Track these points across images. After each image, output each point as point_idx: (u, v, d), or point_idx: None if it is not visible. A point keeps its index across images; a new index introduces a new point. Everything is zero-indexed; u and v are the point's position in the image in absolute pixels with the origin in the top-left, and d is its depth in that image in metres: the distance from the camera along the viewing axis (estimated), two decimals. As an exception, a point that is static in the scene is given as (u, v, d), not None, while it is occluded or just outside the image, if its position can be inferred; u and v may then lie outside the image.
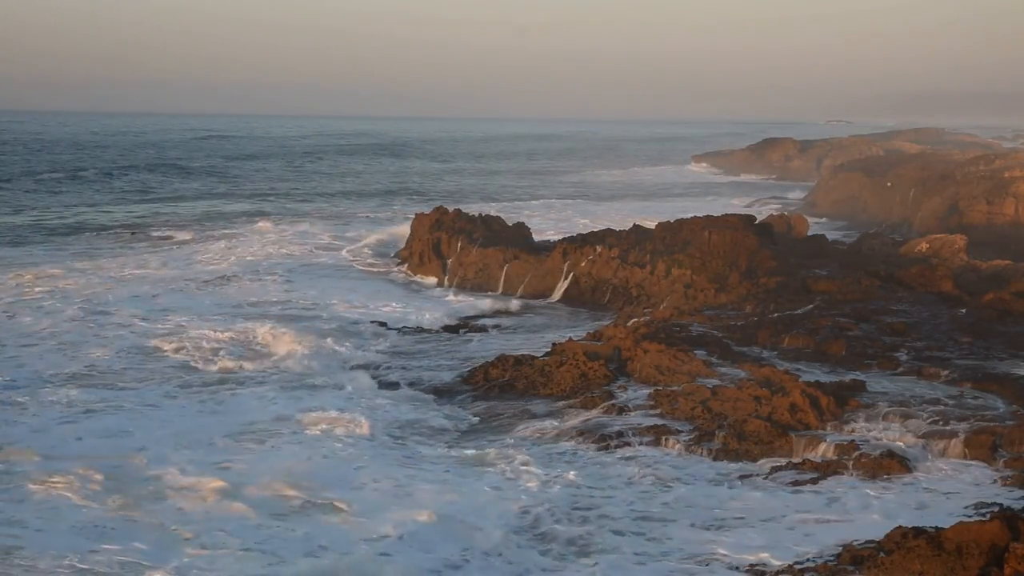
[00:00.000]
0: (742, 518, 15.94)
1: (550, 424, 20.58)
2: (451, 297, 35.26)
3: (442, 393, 23.15)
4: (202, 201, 70.42)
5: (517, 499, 16.60)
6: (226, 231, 53.16)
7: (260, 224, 55.61)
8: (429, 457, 18.85)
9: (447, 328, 30.54)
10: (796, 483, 17.35)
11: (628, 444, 19.22)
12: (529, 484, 17.26)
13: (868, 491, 16.85)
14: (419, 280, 38.24)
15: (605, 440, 19.40)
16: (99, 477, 16.88)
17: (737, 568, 14.18)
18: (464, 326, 30.97)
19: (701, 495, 16.88)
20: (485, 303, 34.05)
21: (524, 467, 18.05)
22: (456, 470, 18.12)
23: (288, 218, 60.55)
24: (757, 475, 17.77)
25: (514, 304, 34.15)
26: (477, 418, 21.33)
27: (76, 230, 52.66)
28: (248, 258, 43.42)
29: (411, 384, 23.82)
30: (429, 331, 30.04)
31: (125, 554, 14.19)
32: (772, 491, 17.05)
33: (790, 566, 14.00)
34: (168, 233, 51.48)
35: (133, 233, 50.21)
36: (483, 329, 30.74)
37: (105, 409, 21.17)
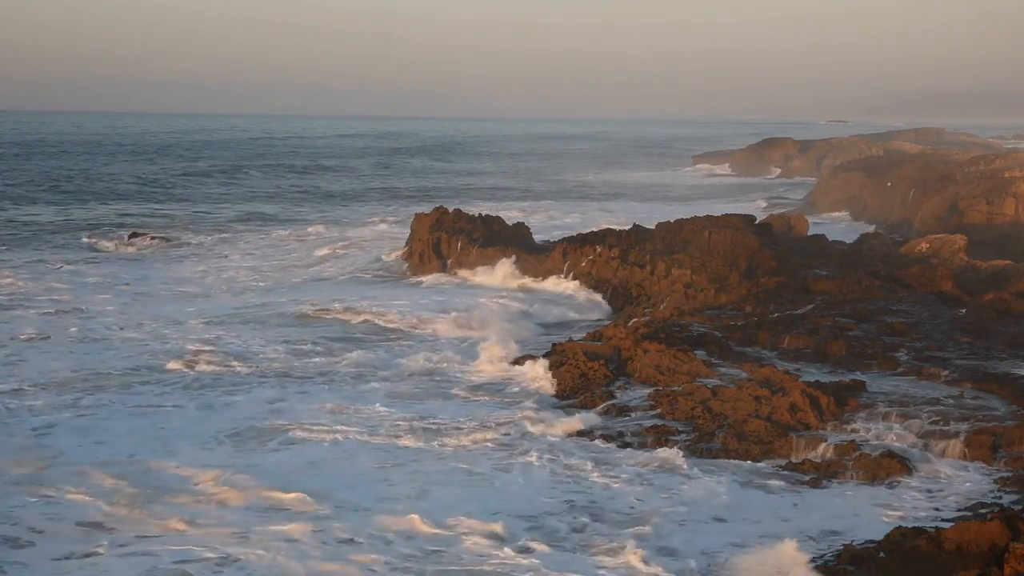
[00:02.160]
0: (741, 517, 15.93)
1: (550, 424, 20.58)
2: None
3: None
4: (211, 203, 70.35)
5: (518, 497, 16.63)
6: (231, 234, 53.00)
7: (263, 227, 55.60)
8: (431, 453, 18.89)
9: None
10: (796, 483, 17.34)
11: (628, 445, 19.22)
12: (529, 483, 17.27)
13: (868, 491, 16.85)
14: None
15: (605, 440, 19.40)
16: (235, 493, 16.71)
17: (737, 567, 14.17)
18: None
19: (701, 494, 16.86)
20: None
21: (524, 466, 18.08)
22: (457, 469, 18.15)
23: (293, 221, 60.48)
24: (757, 475, 17.75)
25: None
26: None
27: (69, 230, 52.64)
28: (249, 263, 43.34)
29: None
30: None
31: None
32: (772, 491, 17.04)
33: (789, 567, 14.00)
34: (175, 235, 51.15)
35: (133, 235, 49.92)
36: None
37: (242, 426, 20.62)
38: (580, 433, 19.83)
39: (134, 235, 49.82)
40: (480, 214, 41.06)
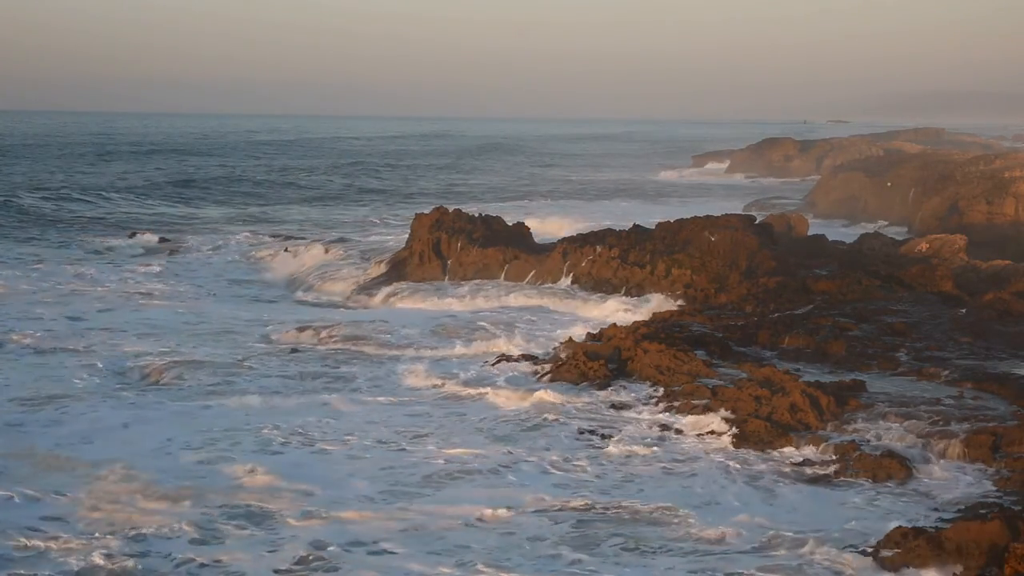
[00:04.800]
0: (737, 516, 15.91)
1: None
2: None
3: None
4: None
5: (520, 496, 16.66)
6: (230, 238, 52.77)
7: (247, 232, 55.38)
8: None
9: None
10: (796, 483, 17.35)
11: (628, 443, 19.26)
12: (529, 481, 17.29)
13: (868, 491, 16.86)
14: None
15: (604, 439, 19.42)
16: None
17: (736, 568, 14.16)
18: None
19: (699, 492, 16.87)
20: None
21: (523, 465, 18.09)
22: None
23: (283, 222, 60.31)
24: (756, 475, 17.76)
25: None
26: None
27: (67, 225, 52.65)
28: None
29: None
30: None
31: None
32: (771, 491, 17.05)
33: (790, 567, 14.01)
34: (182, 238, 50.81)
35: (163, 240, 49.63)
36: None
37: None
38: (580, 432, 19.86)
39: (162, 241, 49.47)
40: (480, 214, 41.00)
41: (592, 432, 19.83)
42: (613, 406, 21.32)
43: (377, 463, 18.24)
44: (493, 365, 24.73)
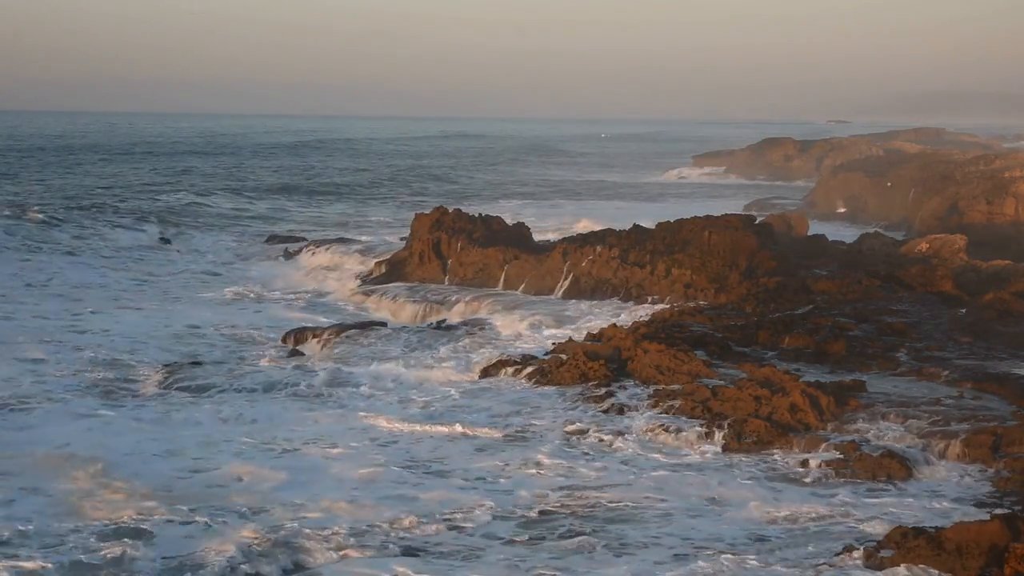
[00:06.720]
0: (738, 516, 15.91)
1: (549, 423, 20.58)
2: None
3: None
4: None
5: (519, 495, 16.70)
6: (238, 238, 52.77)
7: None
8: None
9: (440, 326, 30.26)
10: (796, 483, 17.33)
11: (627, 443, 19.24)
12: (526, 482, 17.30)
13: (868, 491, 16.85)
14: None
15: (603, 439, 19.42)
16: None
17: (735, 567, 14.15)
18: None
19: (699, 492, 16.86)
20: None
21: (523, 465, 18.09)
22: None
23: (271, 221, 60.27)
24: (756, 474, 17.75)
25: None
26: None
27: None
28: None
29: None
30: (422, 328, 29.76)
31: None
32: (771, 490, 17.03)
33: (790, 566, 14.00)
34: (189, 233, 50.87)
35: (162, 237, 49.61)
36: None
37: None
38: (580, 432, 19.85)
39: (163, 237, 49.41)
40: (480, 214, 40.98)
41: (591, 432, 19.84)
42: (613, 406, 21.32)
43: (360, 466, 18.18)
44: (489, 368, 24.73)
